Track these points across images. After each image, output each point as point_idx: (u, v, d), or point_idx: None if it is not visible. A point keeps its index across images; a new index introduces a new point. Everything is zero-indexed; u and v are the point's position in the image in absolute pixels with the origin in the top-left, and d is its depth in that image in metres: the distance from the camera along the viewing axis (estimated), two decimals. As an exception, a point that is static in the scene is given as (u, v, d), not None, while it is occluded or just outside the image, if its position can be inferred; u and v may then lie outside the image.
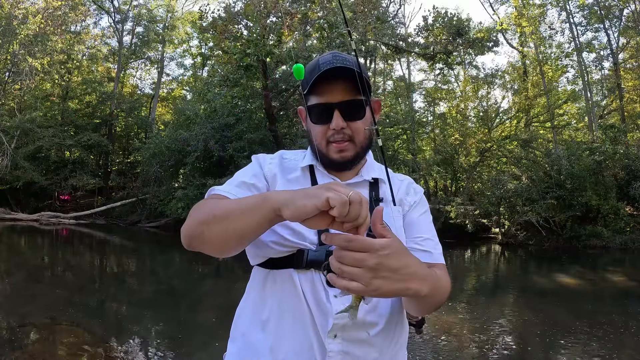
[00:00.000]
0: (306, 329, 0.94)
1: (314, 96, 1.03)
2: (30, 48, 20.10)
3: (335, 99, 1.01)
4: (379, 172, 1.10)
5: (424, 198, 1.16)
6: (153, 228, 18.15)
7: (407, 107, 24.74)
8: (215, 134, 16.41)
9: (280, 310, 0.98)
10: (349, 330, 0.93)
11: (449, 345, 4.88)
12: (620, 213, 13.25)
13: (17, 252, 12.09)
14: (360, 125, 1.03)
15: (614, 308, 6.61)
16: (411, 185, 1.16)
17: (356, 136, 1.04)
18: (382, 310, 0.98)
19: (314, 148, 1.06)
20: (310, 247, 0.96)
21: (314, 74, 1.00)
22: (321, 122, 1.03)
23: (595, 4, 19.92)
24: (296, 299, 0.96)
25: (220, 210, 0.86)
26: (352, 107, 1.02)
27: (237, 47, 14.04)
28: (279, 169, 1.09)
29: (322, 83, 1.00)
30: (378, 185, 1.08)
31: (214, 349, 4.35)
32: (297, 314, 0.95)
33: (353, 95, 1.01)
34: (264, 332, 0.99)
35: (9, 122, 19.92)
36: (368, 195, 1.05)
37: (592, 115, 20.00)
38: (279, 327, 0.97)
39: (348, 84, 1.00)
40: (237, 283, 8.62)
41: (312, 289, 0.95)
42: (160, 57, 28.75)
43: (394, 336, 1.00)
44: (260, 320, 1.00)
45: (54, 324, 5.13)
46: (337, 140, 1.02)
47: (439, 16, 15.12)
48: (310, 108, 1.04)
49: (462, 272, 10.64)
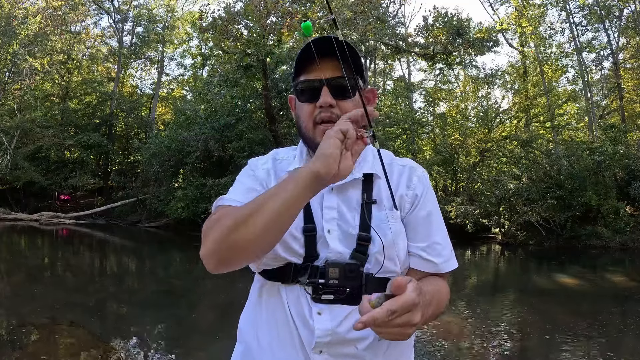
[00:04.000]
0: (294, 343, 0.94)
1: (303, 74, 0.99)
2: (30, 48, 20.09)
3: (325, 75, 0.95)
4: (373, 164, 1.01)
5: (429, 187, 1.04)
6: (153, 228, 18.15)
7: (407, 107, 24.75)
8: (215, 134, 16.41)
9: (269, 324, 0.98)
10: (334, 345, 0.91)
11: (449, 345, 4.88)
12: (620, 213, 13.25)
13: (17, 252, 12.09)
14: (349, 106, 0.95)
15: (614, 308, 6.61)
16: (413, 173, 1.03)
17: None
18: None
19: (302, 133, 1.00)
20: (297, 261, 0.94)
21: (306, 50, 0.94)
22: (308, 100, 0.97)
23: (595, 4, 19.91)
24: (283, 314, 0.95)
25: (243, 211, 0.83)
26: (341, 84, 0.95)
27: (237, 47, 14.04)
28: (273, 171, 1.05)
29: (311, 61, 0.93)
30: (372, 182, 0.99)
31: (213, 349, 4.35)
32: (285, 328, 0.95)
33: (348, 73, 0.95)
34: (259, 344, 0.99)
35: (9, 122, 19.90)
36: (360, 197, 0.97)
37: (592, 115, 19.99)
38: (270, 339, 0.97)
39: (338, 63, 0.92)
40: (236, 283, 8.62)
41: (296, 304, 0.94)
42: (160, 57, 28.74)
43: (388, 347, 0.95)
44: (256, 330, 1.01)
45: (54, 324, 5.13)
46: (324, 119, 0.95)
47: (439, 16, 15.12)
48: (297, 85, 0.99)
49: (462, 272, 10.63)
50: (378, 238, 0.92)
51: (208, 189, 15.54)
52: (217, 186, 15.36)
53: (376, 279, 0.92)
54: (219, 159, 16.53)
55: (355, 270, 0.90)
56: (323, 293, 0.89)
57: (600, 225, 13.27)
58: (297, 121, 1.02)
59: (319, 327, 0.90)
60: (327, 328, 0.90)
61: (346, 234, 0.94)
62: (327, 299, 0.89)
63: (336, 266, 0.89)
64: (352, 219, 0.95)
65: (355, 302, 0.84)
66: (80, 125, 24.27)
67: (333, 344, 0.91)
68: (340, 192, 0.97)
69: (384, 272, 0.93)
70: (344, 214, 0.96)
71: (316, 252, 0.93)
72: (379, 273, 0.92)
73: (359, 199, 0.97)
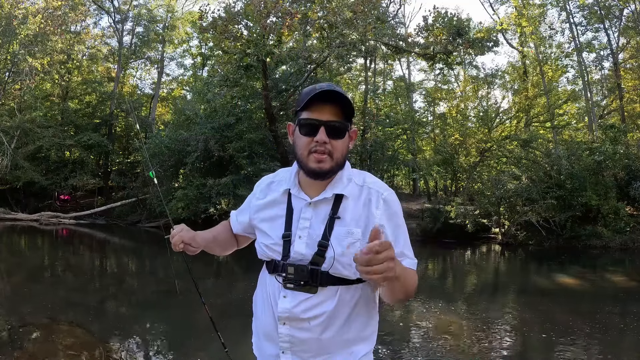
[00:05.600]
0: (271, 316, 1.27)
1: (306, 112, 1.23)
2: (30, 48, 20.08)
3: (323, 117, 1.21)
4: (346, 185, 1.27)
5: (394, 202, 1.27)
6: (153, 228, 18.14)
7: (407, 107, 24.75)
8: (215, 134, 16.41)
9: (262, 300, 1.33)
10: (292, 320, 1.22)
11: (449, 345, 4.88)
12: (620, 213, 13.24)
13: (17, 252, 12.09)
14: (339, 145, 1.23)
15: (614, 308, 6.61)
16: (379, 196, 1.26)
17: (335, 152, 1.22)
18: (326, 307, 1.21)
19: (297, 157, 1.27)
20: (278, 258, 1.27)
21: (311, 93, 1.19)
22: (308, 135, 1.23)
23: (595, 4, 19.90)
24: (267, 295, 1.30)
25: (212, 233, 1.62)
26: (336, 127, 1.22)
27: (237, 47, 14.03)
28: (262, 193, 1.39)
29: (316, 103, 1.21)
30: (340, 202, 1.26)
31: (213, 349, 4.35)
32: (267, 305, 1.29)
33: (339, 118, 1.22)
34: (257, 314, 1.37)
35: (9, 122, 19.88)
36: (329, 212, 1.24)
37: (592, 115, 19.99)
38: (261, 311, 1.33)
39: (337, 109, 1.22)
40: (236, 283, 8.63)
41: (273, 288, 1.27)
42: (160, 57, 28.73)
43: (342, 327, 1.22)
44: (256, 307, 1.37)
45: (54, 324, 5.13)
46: (318, 151, 1.21)
47: (439, 16, 15.08)
48: (301, 121, 1.24)
49: (462, 272, 10.64)
50: (331, 246, 1.20)
51: (208, 189, 15.54)
52: (217, 186, 15.36)
53: (329, 275, 1.20)
54: (219, 159, 16.53)
55: (305, 269, 1.21)
56: (287, 282, 1.23)
57: (600, 225, 13.27)
58: (294, 147, 1.28)
59: (281, 306, 1.23)
60: (286, 307, 1.23)
61: (312, 240, 1.23)
62: (289, 287, 1.23)
63: (292, 266, 1.23)
64: (319, 229, 1.24)
65: (312, 292, 1.21)
66: (80, 125, 24.26)
67: (291, 319, 1.22)
68: (315, 207, 1.27)
69: (335, 272, 1.20)
70: (314, 225, 1.25)
71: (289, 252, 1.25)
72: (332, 272, 1.20)
73: (327, 214, 1.24)
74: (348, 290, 1.23)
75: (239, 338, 2.41)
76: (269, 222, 1.32)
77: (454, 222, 14.07)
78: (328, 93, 1.19)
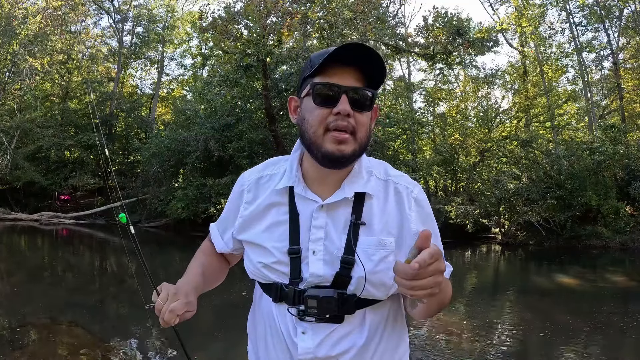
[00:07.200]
0: (287, 356, 0.98)
1: (320, 76, 0.92)
2: (30, 48, 20.07)
3: (345, 83, 0.90)
4: (367, 180, 0.97)
5: (426, 202, 1.01)
6: (153, 228, 18.15)
7: (407, 107, 24.72)
8: (215, 134, 16.42)
9: (266, 334, 1.03)
10: None
11: (449, 345, 4.88)
12: (620, 213, 13.24)
13: (17, 252, 12.09)
14: (365, 119, 0.93)
15: (614, 308, 6.61)
16: (409, 193, 0.99)
17: (359, 130, 0.91)
18: (355, 338, 0.95)
19: (306, 138, 0.94)
20: (284, 281, 0.97)
21: (330, 51, 0.89)
22: (324, 105, 0.91)
23: (595, 4, 19.90)
24: (275, 328, 1.00)
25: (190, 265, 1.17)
26: (363, 96, 0.91)
27: (237, 47, 14.03)
28: (251, 193, 1.06)
29: (333, 65, 0.90)
30: (363, 202, 0.96)
31: (213, 349, 4.35)
32: (277, 341, 0.99)
33: (364, 85, 0.92)
34: (258, 351, 1.07)
35: (9, 122, 19.89)
36: (349, 217, 0.94)
37: (592, 115, 19.98)
38: (266, 349, 1.03)
39: (361, 74, 0.92)
40: (236, 283, 8.62)
41: (284, 322, 0.97)
42: (160, 57, 28.73)
43: (373, 355, 0.97)
44: (256, 337, 1.08)
45: (54, 324, 5.13)
46: (338, 127, 0.90)
47: (439, 16, 15.08)
48: (316, 86, 0.91)
49: (462, 272, 10.63)
50: (361, 263, 0.91)
51: (208, 189, 15.54)
52: (217, 186, 15.36)
53: (358, 300, 0.93)
54: (219, 159, 16.53)
55: (332, 301, 0.91)
56: (306, 315, 0.93)
57: (600, 225, 13.27)
58: (303, 124, 0.95)
59: (301, 345, 0.94)
60: (309, 347, 0.94)
61: (331, 255, 0.94)
62: (309, 320, 0.94)
63: (314, 298, 0.91)
64: (339, 240, 0.94)
65: (338, 321, 0.93)
66: (80, 125, 24.25)
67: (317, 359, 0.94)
68: (329, 210, 0.96)
69: (366, 295, 0.93)
70: (331, 234, 0.95)
71: (300, 274, 0.94)
72: (362, 295, 0.93)
73: (347, 219, 0.94)
74: (376, 313, 0.97)
75: (239, 339, 2.41)
76: (266, 233, 0.99)
77: (454, 222, 14.08)
78: (356, 48, 0.87)
